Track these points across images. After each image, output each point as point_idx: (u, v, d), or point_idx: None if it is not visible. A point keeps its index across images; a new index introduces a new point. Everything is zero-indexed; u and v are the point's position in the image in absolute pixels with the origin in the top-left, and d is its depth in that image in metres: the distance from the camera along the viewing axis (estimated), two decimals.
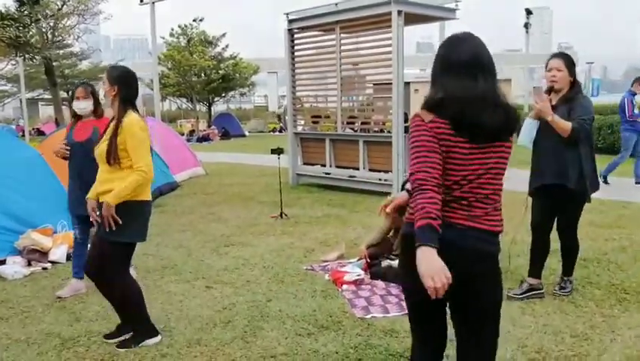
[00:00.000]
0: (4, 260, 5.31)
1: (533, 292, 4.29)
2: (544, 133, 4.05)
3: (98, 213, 3.57)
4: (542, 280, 4.39)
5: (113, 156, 3.45)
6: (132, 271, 4.30)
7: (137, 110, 3.62)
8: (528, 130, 4.15)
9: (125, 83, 3.56)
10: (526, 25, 25.60)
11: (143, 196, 3.53)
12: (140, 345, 3.58)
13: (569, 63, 4.04)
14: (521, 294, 4.27)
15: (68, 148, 4.46)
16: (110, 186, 3.46)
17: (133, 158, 3.45)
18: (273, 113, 44.95)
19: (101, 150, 3.53)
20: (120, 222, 3.40)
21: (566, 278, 4.38)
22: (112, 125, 3.55)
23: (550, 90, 4.08)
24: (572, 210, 4.21)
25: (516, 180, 5.09)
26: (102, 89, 3.63)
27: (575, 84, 4.08)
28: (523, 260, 5.06)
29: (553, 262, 4.63)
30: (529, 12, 25.58)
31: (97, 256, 3.56)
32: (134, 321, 3.67)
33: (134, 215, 3.49)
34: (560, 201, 4.15)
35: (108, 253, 3.51)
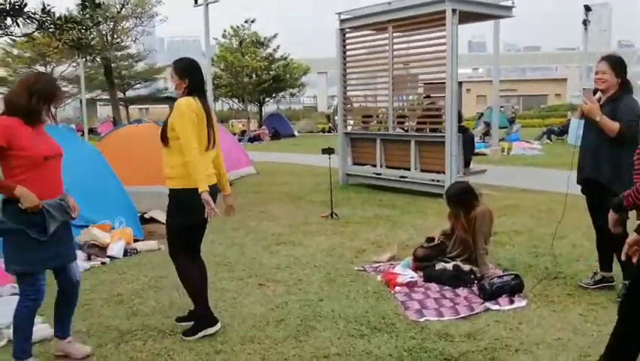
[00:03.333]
0: None
1: (605, 284, 4.37)
2: (586, 131, 4.24)
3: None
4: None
5: (162, 136, 3.61)
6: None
7: (202, 97, 3.65)
8: (575, 129, 4.25)
9: (192, 73, 3.66)
10: (585, 23, 24.69)
11: (185, 184, 3.55)
12: (199, 334, 3.65)
13: (615, 65, 4.12)
14: (594, 284, 4.37)
15: None
16: (166, 170, 3.62)
17: (181, 137, 3.49)
18: (322, 113, 45.12)
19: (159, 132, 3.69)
20: (213, 206, 3.47)
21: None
22: None
23: (595, 91, 4.18)
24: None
25: (559, 181, 5.18)
26: (172, 82, 3.73)
27: (623, 85, 4.12)
28: (583, 265, 4.90)
29: (616, 268, 4.43)
30: (588, 9, 24.65)
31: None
32: (195, 307, 3.79)
33: (176, 203, 3.63)
34: (597, 197, 4.16)
35: (167, 237, 3.78)
